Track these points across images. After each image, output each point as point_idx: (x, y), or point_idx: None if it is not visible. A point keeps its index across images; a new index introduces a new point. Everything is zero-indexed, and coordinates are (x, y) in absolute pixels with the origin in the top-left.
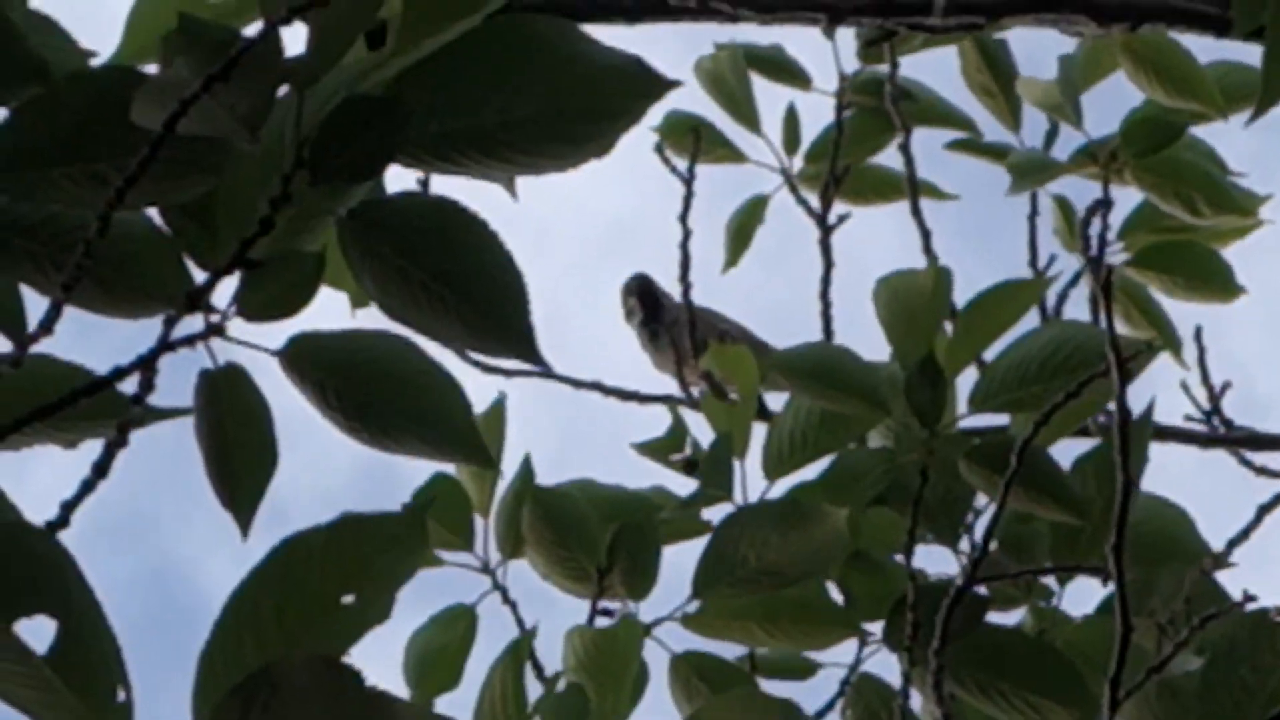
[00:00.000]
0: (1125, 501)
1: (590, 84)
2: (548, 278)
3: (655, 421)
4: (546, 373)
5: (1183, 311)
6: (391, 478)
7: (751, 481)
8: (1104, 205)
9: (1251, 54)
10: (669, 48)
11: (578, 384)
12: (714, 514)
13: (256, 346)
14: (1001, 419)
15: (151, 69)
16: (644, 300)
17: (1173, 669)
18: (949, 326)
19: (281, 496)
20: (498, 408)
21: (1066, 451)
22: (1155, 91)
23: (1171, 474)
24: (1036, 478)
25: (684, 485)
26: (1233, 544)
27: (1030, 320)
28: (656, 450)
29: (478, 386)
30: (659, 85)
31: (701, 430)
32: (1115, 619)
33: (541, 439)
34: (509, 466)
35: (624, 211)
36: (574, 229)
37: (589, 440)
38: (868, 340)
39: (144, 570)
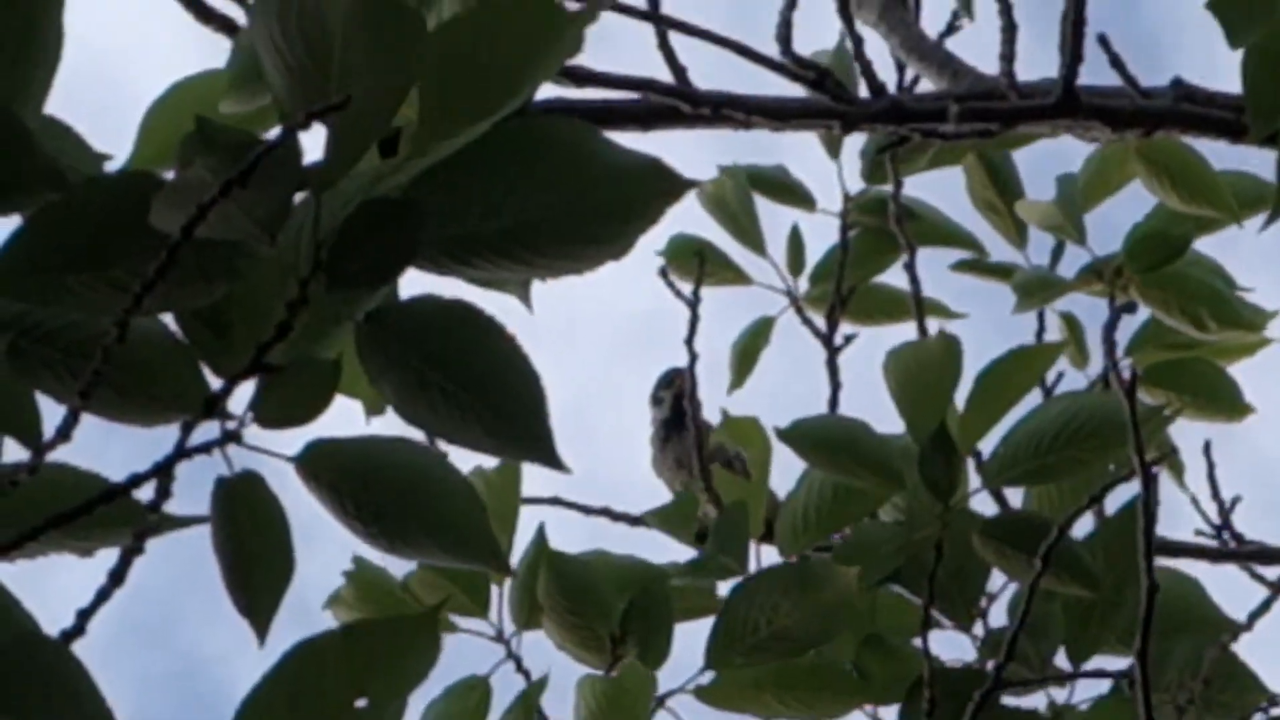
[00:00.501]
0: (1150, 605)
1: (609, 185)
2: (564, 376)
3: (661, 545)
4: (557, 500)
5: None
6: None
7: (765, 557)
8: (1128, 309)
9: (1265, 159)
10: (676, 156)
11: (587, 510)
12: (727, 589)
13: (273, 453)
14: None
15: (167, 173)
16: (675, 399)
17: None
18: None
19: (300, 592)
20: (510, 471)
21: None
22: (1169, 197)
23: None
24: (1057, 557)
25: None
26: (1254, 617)
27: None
28: (667, 517)
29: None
30: (678, 185)
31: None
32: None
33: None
34: (523, 535)
35: (636, 315)
36: (588, 330)
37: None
38: None
39: (167, 669)
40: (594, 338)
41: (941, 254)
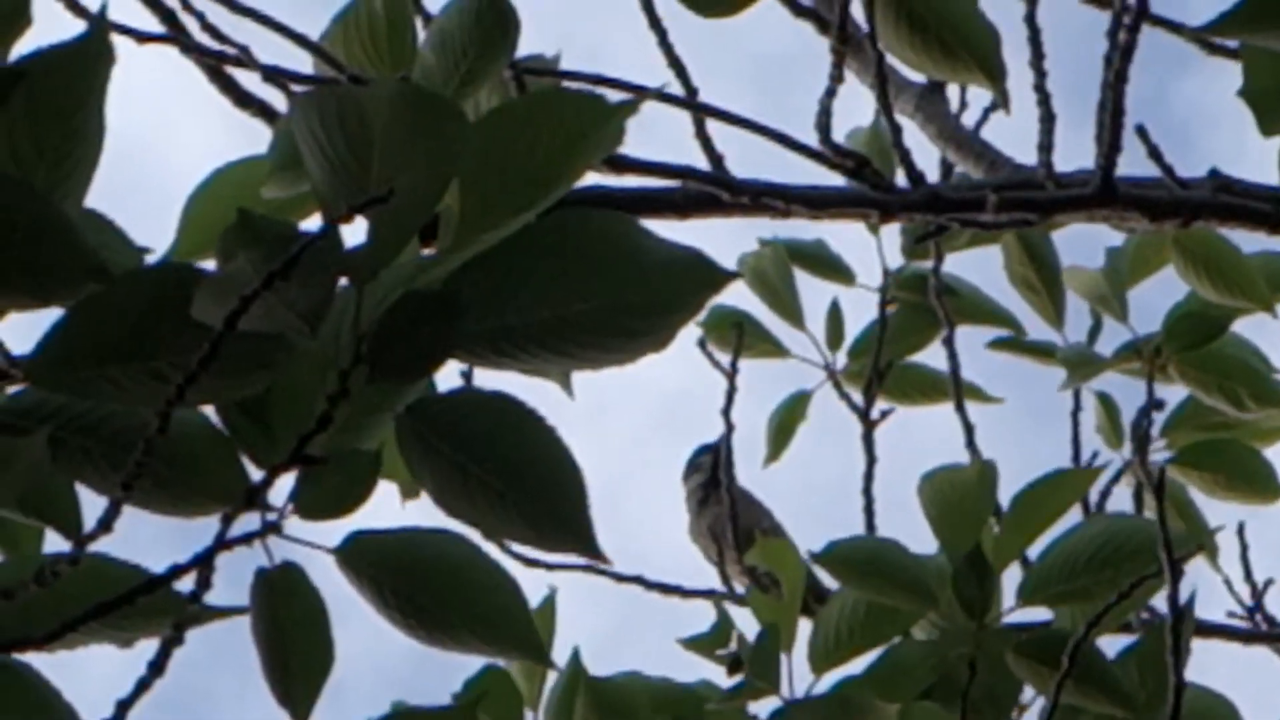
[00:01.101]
0: (1178, 703)
1: (650, 277)
2: (599, 446)
3: (699, 613)
4: (590, 567)
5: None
6: (447, 658)
7: (798, 674)
8: (1157, 405)
9: None
10: (713, 242)
11: (620, 578)
12: (760, 708)
13: (314, 544)
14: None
15: (208, 263)
16: (714, 465)
17: None
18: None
19: (339, 673)
20: (549, 604)
21: (1107, 644)
22: (1203, 287)
23: (1213, 671)
24: (1086, 671)
25: (730, 681)
26: None
27: (1073, 515)
28: (702, 646)
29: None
30: (719, 278)
31: (745, 622)
32: None
33: (586, 626)
34: (556, 657)
35: (672, 388)
36: (623, 401)
37: (634, 629)
38: (910, 535)
39: None
40: (630, 409)
41: (977, 332)
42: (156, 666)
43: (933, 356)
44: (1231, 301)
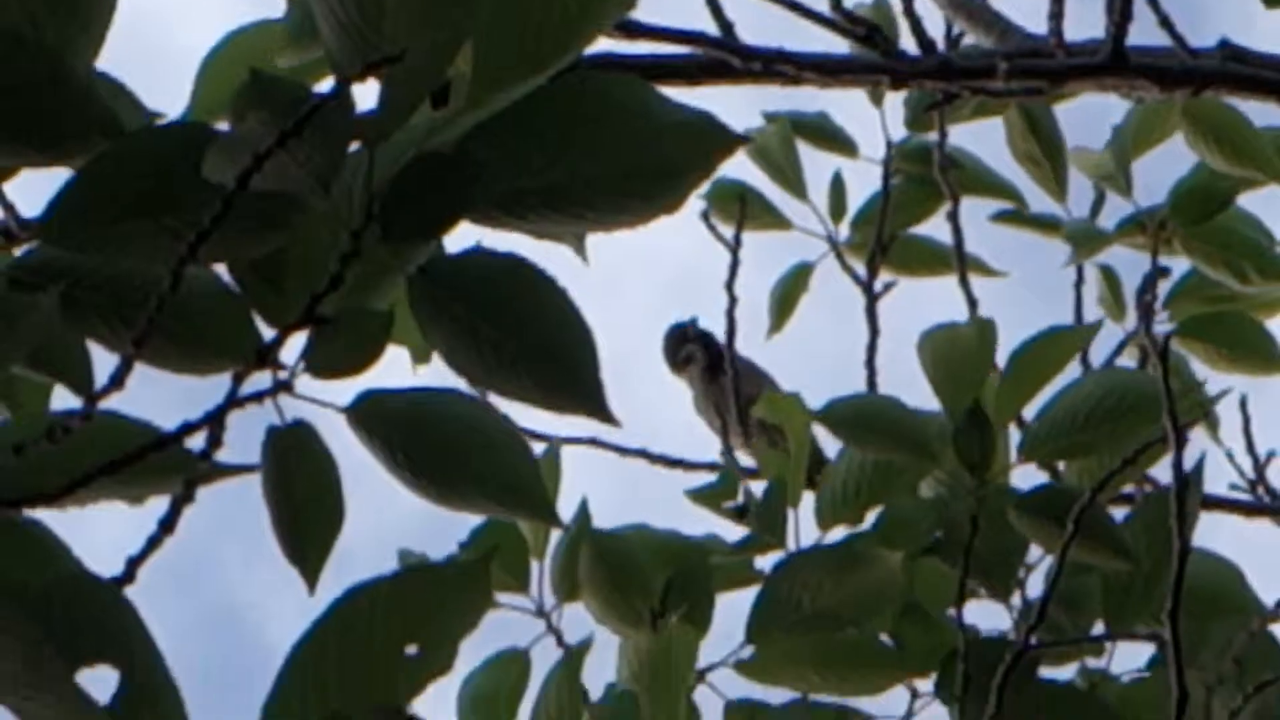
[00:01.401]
0: (1182, 567)
1: (662, 140)
2: (605, 320)
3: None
4: (595, 441)
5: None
6: (457, 522)
7: (804, 531)
8: (1162, 272)
9: None
10: (722, 109)
11: (624, 451)
12: (767, 563)
13: (324, 403)
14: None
15: (221, 125)
16: (708, 349)
17: None
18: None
19: (346, 541)
20: (551, 458)
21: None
22: (1213, 157)
23: (1216, 544)
24: (1090, 528)
25: (736, 534)
26: None
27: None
28: (709, 498)
29: None
30: (730, 140)
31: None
32: (1172, 686)
33: (592, 494)
34: (563, 513)
35: (677, 263)
36: (629, 273)
37: (638, 505)
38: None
39: (207, 615)
40: (633, 285)
41: (980, 205)
42: (167, 524)
43: (936, 229)
44: (1241, 172)
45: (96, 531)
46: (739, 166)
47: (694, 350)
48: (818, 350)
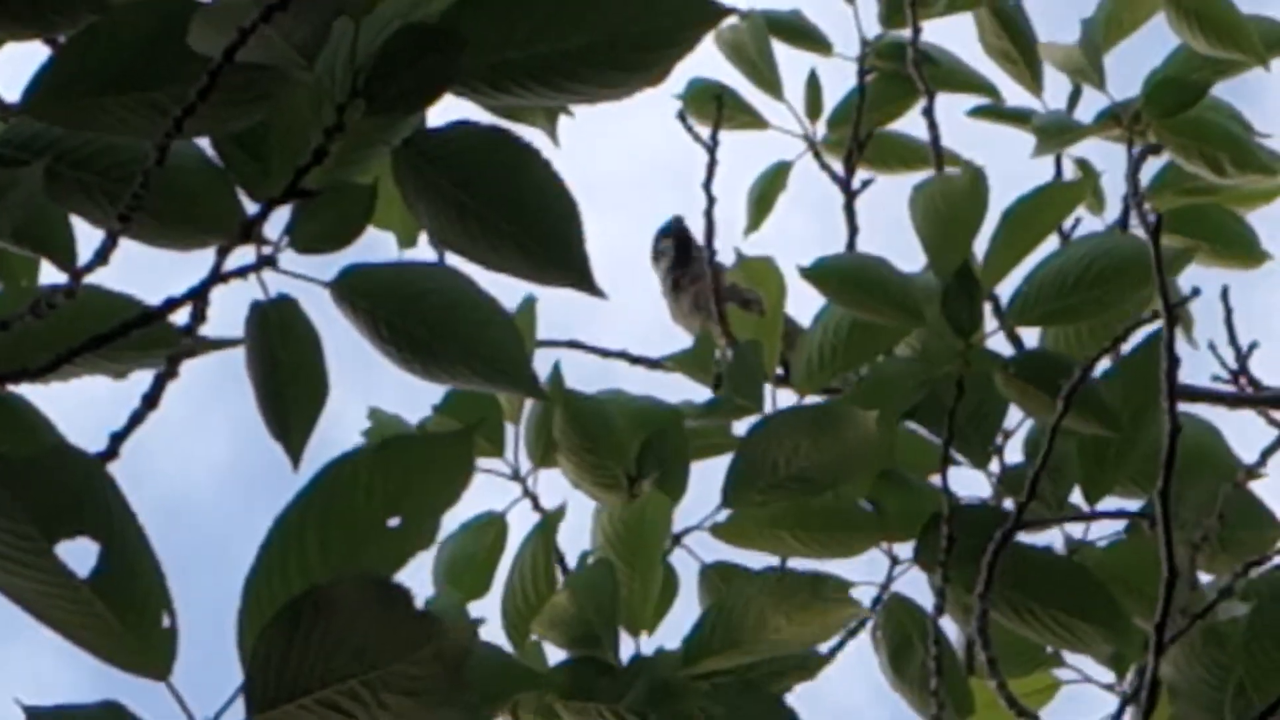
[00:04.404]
0: (1173, 445)
1: (646, 11)
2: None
3: (679, 390)
4: (574, 343)
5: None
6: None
7: (781, 398)
8: (1153, 150)
9: None
10: None
11: (605, 353)
12: (743, 428)
13: (308, 278)
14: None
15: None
16: (679, 245)
17: (1218, 614)
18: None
19: (331, 432)
20: (528, 310)
21: None
22: (1195, 39)
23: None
24: (1079, 397)
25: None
26: (1266, 454)
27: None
28: (685, 363)
29: None
30: (714, 12)
31: None
32: (1161, 562)
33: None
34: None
35: (653, 164)
36: (605, 175)
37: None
38: None
39: (189, 492)
40: (609, 187)
41: (956, 101)
42: (150, 399)
43: (912, 125)
44: (1223, 54)
45: (82, 405)
46: (714, 66)
47: (667, 246)
48: (797, 250)
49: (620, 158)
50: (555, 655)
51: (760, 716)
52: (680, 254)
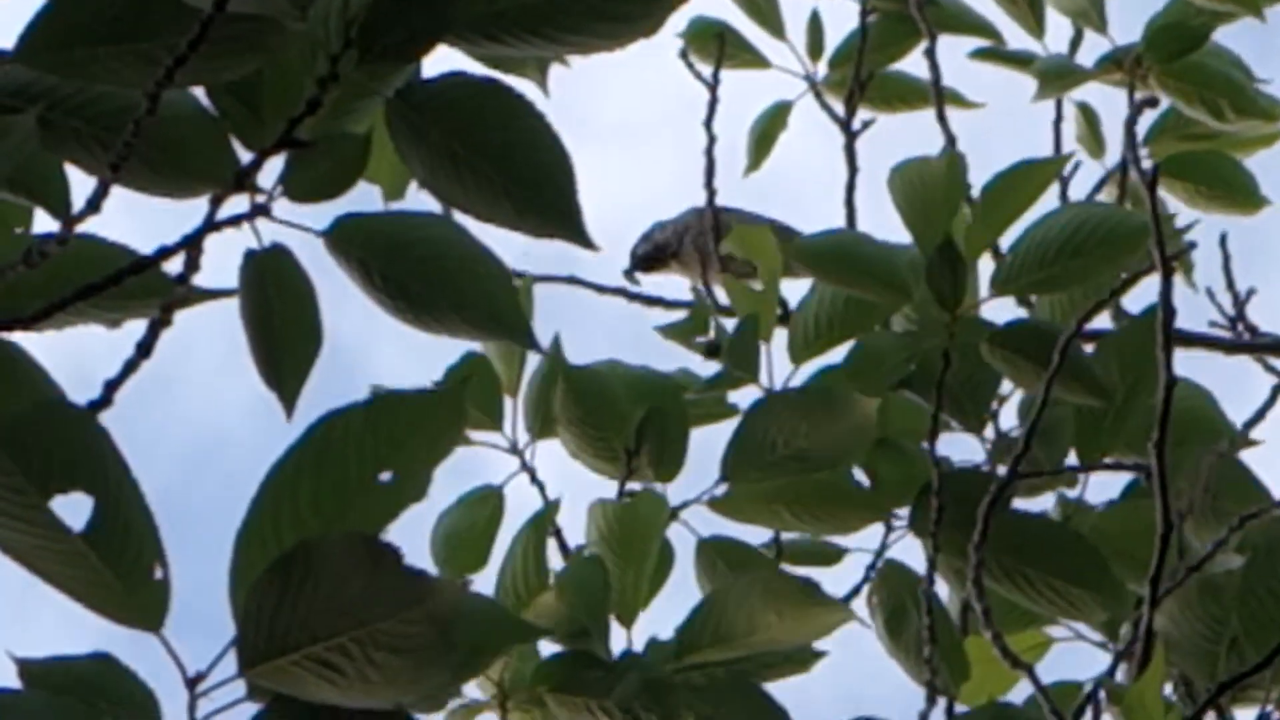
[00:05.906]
0: (1168, 398)
1: None
2: (580, 160)
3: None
4: (572, 279)
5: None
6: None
7: (776, 366)
8: (1150, 103)
9: None
10: None
11: (602, 289)
12: (740, 397)
13: (302, 227)
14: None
15: None
16: (649, 260)
17: (1213, 567)
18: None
19: (325, 385)
20: (523, 286)
21: None
22: None
23: (1196, 380)
24: (1064, 363)
25: (708, 369)
26: (1249, 425)
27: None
28: (680, 333)
29: None
30: None
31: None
32: (1157, 518)
33: (569, 337)
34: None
35: (654, 103)
36: (605, 114)
37: (616, 347)
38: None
39: (184, 441)
40: (610, 129)
41: (958, 43)
42: (144, 348)
43: (914, 66)
44: (1220, 5)
45: (76, 353)
46: (717, 4)
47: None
48: (797, 190)
49: (621, 96)
50: (547, 649)
51: (750, 714)
52: (654, 259)
